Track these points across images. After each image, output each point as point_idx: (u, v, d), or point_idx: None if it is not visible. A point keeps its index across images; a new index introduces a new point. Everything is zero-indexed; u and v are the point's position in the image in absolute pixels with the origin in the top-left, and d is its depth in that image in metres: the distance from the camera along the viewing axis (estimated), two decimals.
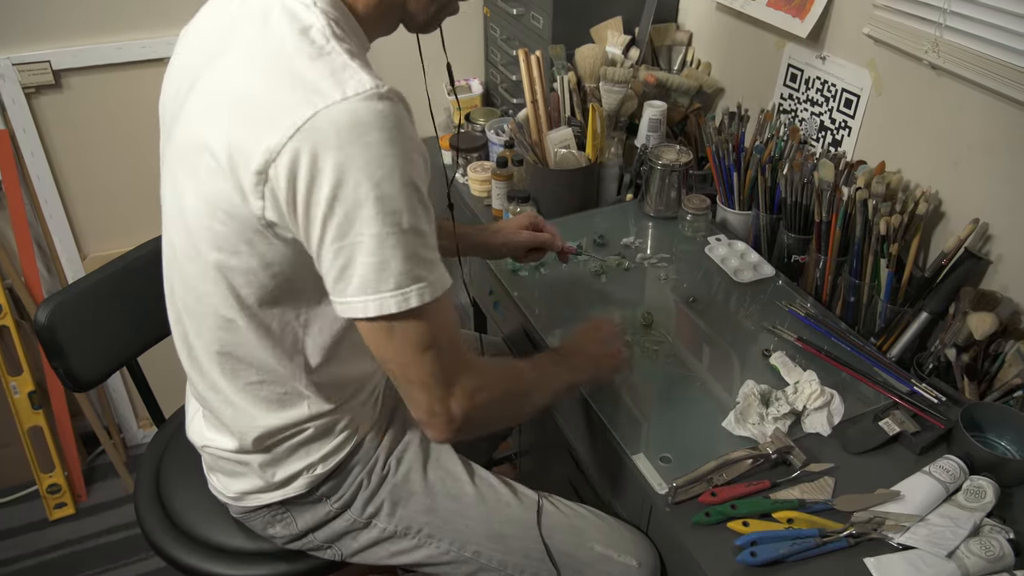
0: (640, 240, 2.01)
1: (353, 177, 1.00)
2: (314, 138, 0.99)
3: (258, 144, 1.01)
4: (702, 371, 1.61)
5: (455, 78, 2.75)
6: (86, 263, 2.58)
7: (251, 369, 1.27)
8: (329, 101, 0.99)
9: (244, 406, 1.31)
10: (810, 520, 1.31)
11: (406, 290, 1.06)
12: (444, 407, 1.14)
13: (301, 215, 1.04)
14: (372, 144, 0.99)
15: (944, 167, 1.69)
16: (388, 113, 1.01)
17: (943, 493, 1.33)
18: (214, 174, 1.07)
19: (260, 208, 1.06)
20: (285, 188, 1.02)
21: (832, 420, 1.48)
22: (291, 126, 0.99)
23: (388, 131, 1.00)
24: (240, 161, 1.04)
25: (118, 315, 1.75)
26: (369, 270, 1.04)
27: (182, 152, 1.16)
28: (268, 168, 1.02)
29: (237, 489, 1.42)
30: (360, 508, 1.43)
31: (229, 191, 1.07)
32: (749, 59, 2.22)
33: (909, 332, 1.62)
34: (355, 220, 1.02)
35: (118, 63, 2.36)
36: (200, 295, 1.22)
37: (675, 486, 1.33)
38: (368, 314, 1.07)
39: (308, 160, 0.99)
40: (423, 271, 1.07)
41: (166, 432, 1.80)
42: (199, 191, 1.12)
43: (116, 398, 2.84)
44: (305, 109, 0.99)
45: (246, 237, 1.11)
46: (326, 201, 1.01)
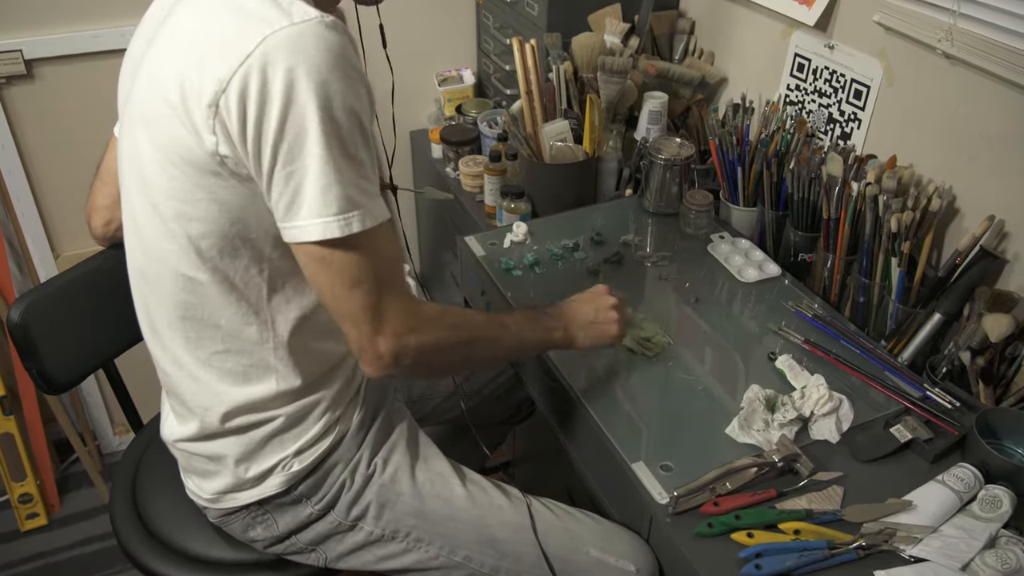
0: (640, 238, 2.00)
1: (301, 97, 1.06)
2: (263, 61, 1.05)
3: (209, 77, 1.08)
4: (704, 375, 1.60)
5: (446, 68, 2.76)
6: (59, 262, 2.57)
7: (216, 334, 1.30)
8: (276, 27, 1.06)
9: (208, 379, 1.33)
10: (818, 531, 1.30)
11: (348, 215, 1.12)
12: (372, 344, 1.19)
13: (251, 142, 1.09)
14: (319, 67, 1.06)
15: (958, 161, 1.68)
16: (333, 40, 1.08)
17: (957, 503, 1.32)
18: (169, 120, 1.13)
19: (213, 144, 1.11)
20: (236, 116, 1.08)
21: (841, 426, 1.47)
22: (241, 54, 1.06)
23: (334, 57, 1.07)
24: (192, 98, 1.10)
25: (93, 315, 1.75)
26: (316, 193, 1.10)
27: (138, 112, 1.21)
28: (219, 99, 1.07)
29: (212, 489, 1.42)
30: (345, 510, 1.44)
31: (184, 134, 1.12)
32: (754, 48, 2.21)
33: (921, 334, 1.61)
34: (304, 142, 1.08)
35: (94, 52, 2.35)
36: (160, 255, 1.25)
37: (676, 495, 1.33)
38: (312, 237, 1.12)
39: (257, 84, 1.05)
40: (363, 199, 1.13)
41: (143, 438, 1.79)
42: (154, 142, 1.17)
43: (91, 403, 2.83)
44: (253, 37, 1.06)
45: (202, 182, 1.16)
46: (276, 122, 1.07)
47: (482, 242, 1.98)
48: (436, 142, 2.56)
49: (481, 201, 2.30)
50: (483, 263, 1.91)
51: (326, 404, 1.40)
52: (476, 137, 2.45)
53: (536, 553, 1.46)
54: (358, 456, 1.44)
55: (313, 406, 1.38)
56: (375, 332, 1.18)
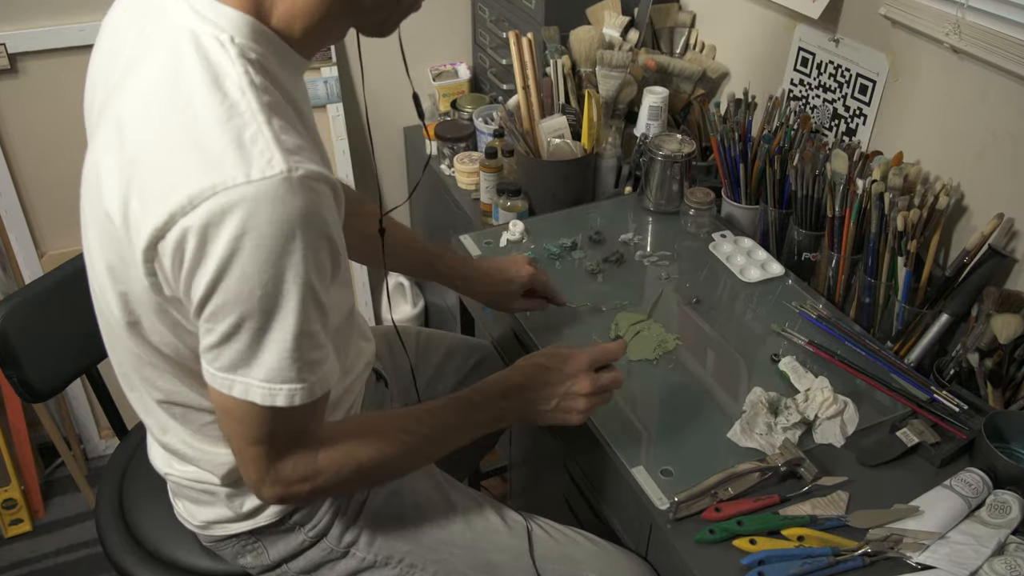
0: (640, 236, 2.00)
1: (237, 271, 0.95)
2: (205, 220, 0.93)
3: (147, 221, 0.97)
4: (706, 377, 1.60)
5: (441, 62, 2.75)
6: (44, 261, 2.56)
7: (202, 413, 1.26)
8: (229, 183, 0.93)
9: (204, 447, 1.30)
10: (822, 538, 1.30)
11: (274, 386, 1.03)
12: (258, 488, 1.14)
13: (182, 291, 1.00)
14: (266, 240, 0.94)
15: (966, 158, 1.68)
16: (295, 206, 0.94)
17: (965, 509, 1.32)
18: (114, 240, 1.04)
19: (154, 283, 1.03)
20: (170, 264, 0.98)
21: (846, 430, 1.47)
22: (184, 206, 0.94)
23: (290, 226, 0.95)
24: (133, 230, 1.00)
25: (78, 319, 1.73)
26: (239, 356, 1.01)
27: (89, 197, 1.11)
28: (156, 245, 0.97)
29: (204, 518, 1.41)
30: (337, 536, 1.42)
31: (129, 258, 1.03)
32: (757, 42, 2.21)
33: (928, 335, 1.61)
34: (232, 312, 0.98)
35: (80, 46, 2.35)
36: (127, 348, 1.20)
37: (677, 501, 1.32)
38: (232, 392, 1.04)
39: (196, 242, 0.94)
40: (298, 372, 1.03)
41: (130, 443, 1.79)
42: (103, 254, 1.09)
43: (76, 406, 2.82)
44: (201, 186, 0.93)
45: (153, 306, 1.08)
46: (205, 286, 0.97)
47: (477, 241, 1.97)
48: (431, 138, 2.56)
49: (477, 199, 2.29)
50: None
51: None
52: (471, 133, 2.45)
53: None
54: None
55: None
56: (261, 483, 1.13)
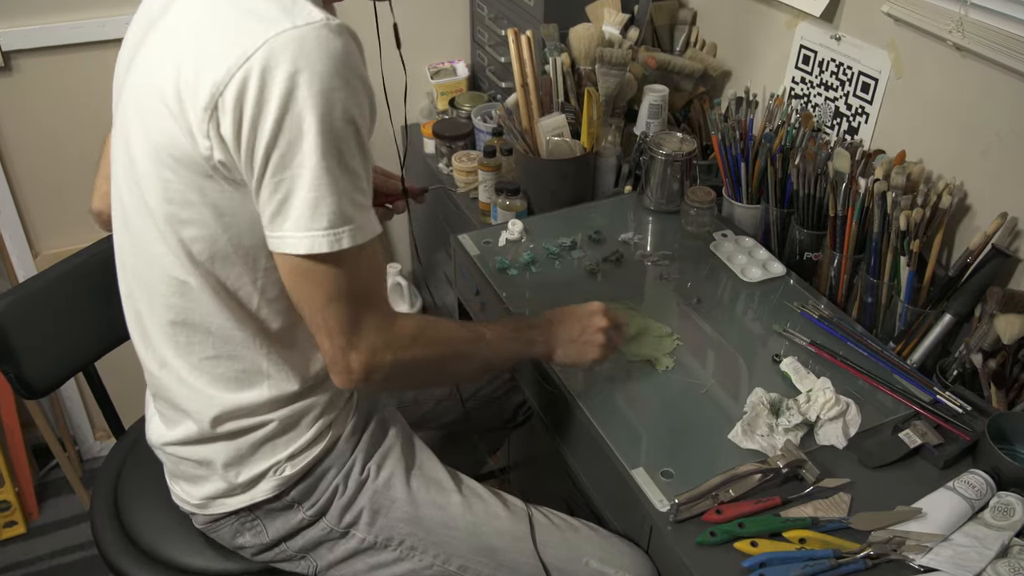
0: (640, 236, 2.00)
1: (299, 105, 1.05)
2: (262, 65, 1.04)
3: (206, 78, 1.07)
4: (707, 378, 1.60)
5: (439, 60, 2.75)
6: (38, 261, 2.56)
7: (207, 340, 1.30)
8: (279, 29, 1.05)
9: (199, 385, 1.33)
10: (824, 540, 1.30)
11: (338, 230, 1.12)
12: (344, 358, 1.20)
13: (245, 146, 1.09)
14: (319, 74, 1.05)
15: (970, 157, 1.68)
16: (337, 46, 1.07)
17: (968, 511, 1.32)
18: (163, 118, 1.13)
19: (207, 148, 1.11)
20: (231, 119, 1.07)
21: (848, 431, 1.47)
22: (240, 56, 1.05)
23: (336, 63, 1.07)
24: (188, 99, 1.09)
25: (74, 316, 1.75)
26: (305, 205, 1.10)
27: (132, 105, 1.21)
28: (215, 101, 1.07)
29: (201, 495, 1.42)
30: (337, 516, 1.43)
31: (178, 134, 1.12)
32: (758, 39, 2.21)
33: (931, 336, 1.61)
34: (297, 151, 1.08)
35: (75, 44, 2.34)
36: (151, 257, 1.25)
37: (677, 503, 1.32)
38: (299, 251, 1.12)
39: (255, 88, 1.05)
40: (355, 212, 1.13)
41: (125, 443, 1.79)
42: (148, 139, 1.16)
43: (71, 407, 2.82)
44: (254, 39, 1.05)
45: (196, 184, 1.15)
46: (271, 129, 1.06)
47: (476, 240, 1.97)
48: (428, 137, 2.56)
49: (475, 198, 2.29)
50: (477, 262, 1.90)
51: (320, 409, 1.40)
52: (470, 132, 2.44)
53: (534, 563, 1.45)
54: (351, 461, 1.43)
55: (307, 411, 1.38)
56: (349, 347, 1.19)
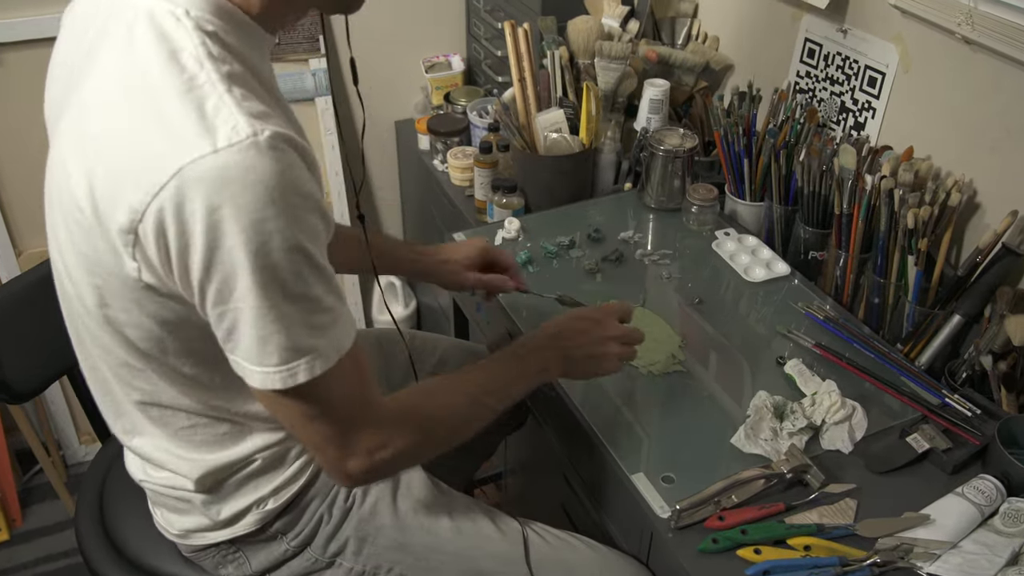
0: (640, 234, 2.00)
1: (226, 243, 0.95)
2: (176, 200, 0.93)
3: (122, 202, 0.97)
4: (709, 381, 1.60)
5: (433, 54, 2.75)
6: (22, 260, 2.55)
7: (180, 415, 1.25)
8: (193, 156, 0.92)
9: (179, 452, 1.29)
10: (830, 547, 1.30)
11: (291, 366, 1.03)
12: (341, 467, 1.14)
13: (179, 277, 1.00)
14: (246, 207, 0.93)
15: (979, 153, 1.68)
16: (267, 168, 0.94)
17: (978, 517, 1.32)
18: (85, 230, 1.04)
19: (135, 269, 1.02)
20: (155, 250, 0.98)
21: (854, 435, 1.47)
22: (151, 184, 0.94)
23: (267, 190, 0.94)
24: (106, 217, 1.00)
25: (59, 318, 1.73)
26: (252, 342, 1.01)
27: (55, 191, 1.11)
28: (136, 228, 0.97)
29: (182, 527, 1.40)
30: (322, 546, 1.41)
31: (104, 248, 1.03)
32: (762, 32, 2.21)
33: (940, 337, 1.61)
34: (233, 288, 0.98)
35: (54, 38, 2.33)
36: (102, 345, 1.19)
37: (678, 509, 1.32)
38: (253, 384, 1.05)
39: (174, 224, 0.95)
40: (313, 340, 1.04)
41: (111, 448, 1.78)
42: (75, 247, 1.09)
43: (55, 411, 2.81)
44: (169, 164, 0.93)
45: (132, 296, 1.07)
46: (200, 266, 0.97)
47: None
48: (423, 133, 2.56)
49: (471, 196, 2.29)
50: None
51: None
52: (465, 127, 2.44)
53: None
54: (336, 488, 1.41)
55: (291, 447, 1.35)
56: (344, 457, 1.13)
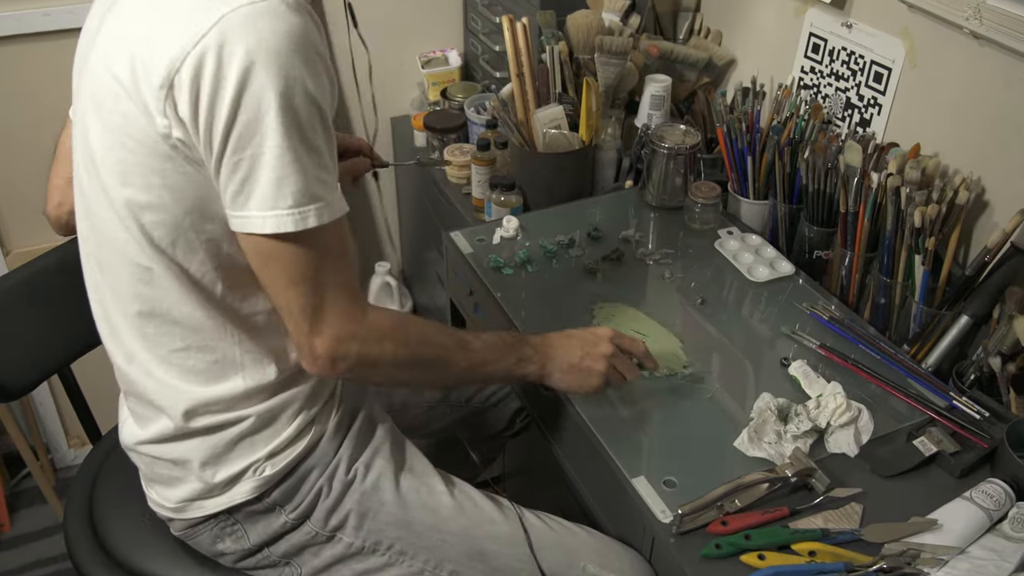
0: (641, 233, 2.00)
1: (257, 83, 1.07)
2: (218, 42, 1.06)
3: (161, 57, 1.09)
4: (711, 382, 1.60)
5: (430, 49, 2.75)
6: (9, 259, 2.55)
7: (175, 330, 1.30)
8: (234, 5, 1.07)
9: (168, 378, 1.33)
10: (835, 552, 1.30)
11: (304, 209, 1.14)
12: (308, 342, 1.22)
13: (203, 125, 1.10)
14: (278, 52, 1.08)
15: (988, 150, 1.68)
16: (295, 22, 1.09)
17: (986, 522, 1.32)
18: (119, 99, 1.14)
19: (165, 126, 1.12)
20: (188, 98, 1.09)
21: (860, 439, 1.47)
22: (195, 33, 1.07)
23: (294, 40, 1.09)
24: (143, 78, 1.11)
25: (48, 316, 1.74)
26: (269, 184, 1.12)
27: (89, 90, 1.22)
28: (171, 79, 1.08)
29: (177, 498, 1.41)
30: (322, 519, 1.43)
31: (135, 113, 1.13)
32: (765, 27, 2.21)
33: (947, 338, 1.61)
34: (257, 129, 1.10)
35: (45, 32, 2.33)
36: (113, 244, 1.26)
37: (681, 514, 1.32)
38: (264, 230, 1.14)
39: (212, 67, 1.07)
40: (321, 190, 1.16)
41: (101, 450, 1.78)
42: (104, 122, 1.18)
43: (44, 413, 2.81)
44: (209, 16, 1.07)
45: (155, 165, 1.16)
46: (228, 107, 1.08)
47: (469, 238, 1.97)
48: (419, 129, 2.55)
49: (468, 193, 2.29)
50: (470, 261, 1.90)
51: (300, 403, 1.39)
52: (463, 124, 2.44)
53: (529, 569, 1.46)
54: (336, 460, 1.43)
55: (286, 405, 1.38)
56: (312, 332, 1.22)
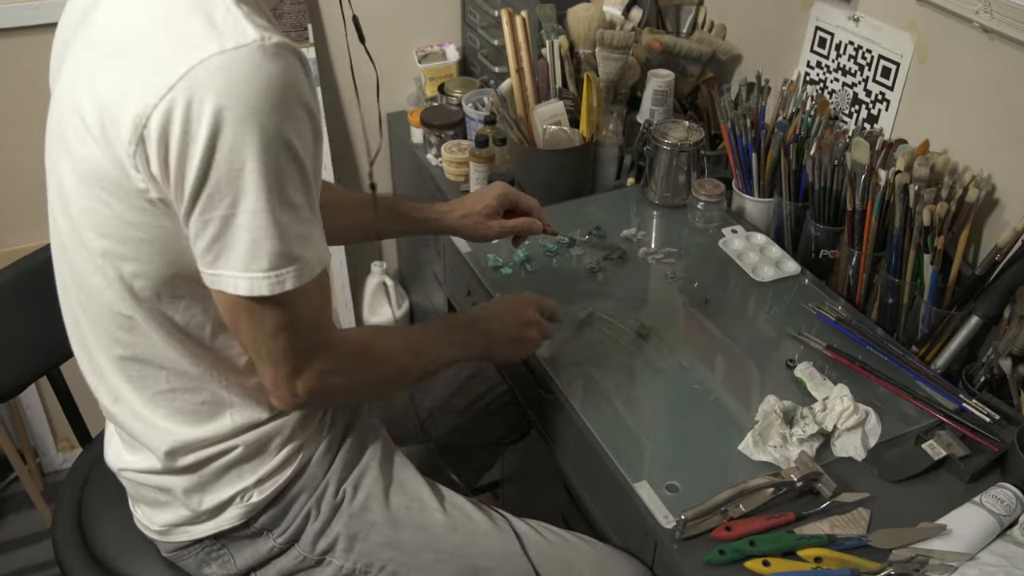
0: (643, 232, 2.00)
1: (229, 141, 1.02)
2: (186, 97, 1.01)
3: (128, 107, 1.04)
4: (715, 385, 1.60)
5: (427, 43, 2.74)
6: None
7: (160, 374, 1.28)
8: (203, 55, 1.01)
9: (154, 419, 1.31)
10: (841, 559, 1.30)
11: (280, 272, 1.10)
12: (289, 385, 1.20)
13: (174, 181, 1.06)
14: (252, 107, 1.02)
15: (998, 147, 1.68)
16: (273, 71, 1.03)
17: (997, 527, 1.32)
18: (88, 144, 1.10)
19: (141, 181, 1.08)
20: (157, 154, 1.04)
21: (867, 442, 1.47)
22: (160, 85, 1.01)
23: (272, 91, 1.02)
24: (111, 128, 1.06)
25: (37, 316, 1.74)
26: (242, 246, 1.08)
27: (57, 124, 1.19)
28: (140, 133, 1.04)
29: (162, 521, 1.40)
30: (310, 543, 1.42)
31: (105, 163, 1.09)
32: (770, 20, 2.21)
33: (957, 340, 1.61)
34: (229, 190, 1.05)
35: (34, 26, 2.33)
36: (91, 291, 1.23)
37: (684, 519, 1.32)
38: (238, 291, 1.10)
39: (180, 122, 1.01)
40: (299, 249, 1.11)
41: (90, 454, 1.78)
42: (75, 165, 1.14)
43: (32, 416, 2.80)
44: (178, 66, 1.01)
45: (133, 219, 1.12)
46: (198, 166, 1.03)
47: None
48: (416, 125, 2.55)
49: (466, 191, 2.29)
50: (469, 260, 1.90)
51: (290, 431, 1.37)
52: (461, 120, 2.44)
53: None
54: (324, 483, 1.41)
55: (275, 433, 1.36)
56: (295, 374, 1.20)
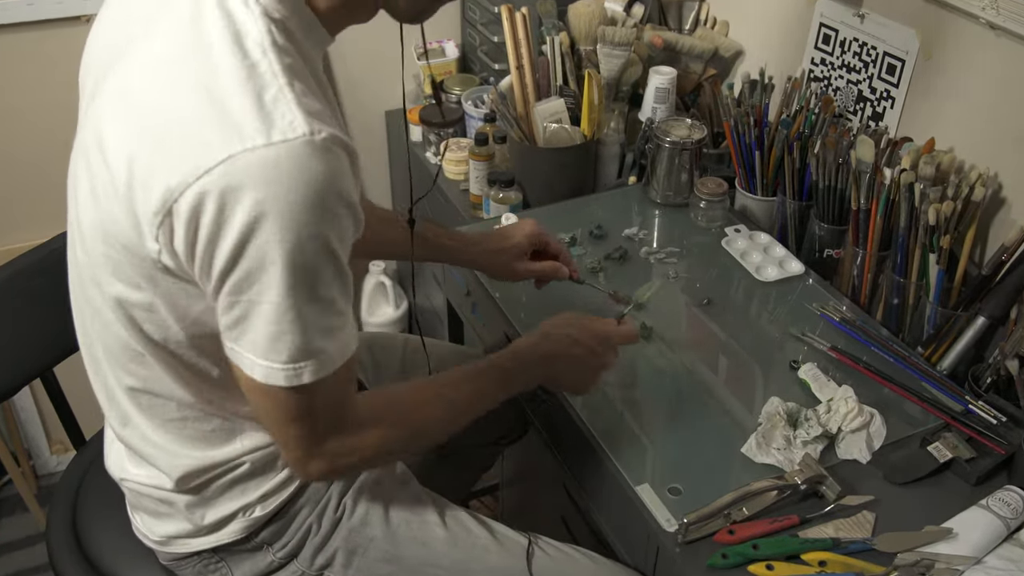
0: (645, 231, 2.00)
1: (264, 237, 0.98)
2: (224, 184, 0.96)
3: (159, 178, 0.99)
4: (718, 386, 1.60)
5: (427, 40, 2.74)
6: None
7: (170, 404, 1.26)
8: (247, 145, 0.96)
9: (164, 444, 1.30)
10: (846, 563, 1.30)
11: (298, 365, 1.07)
12: (303, 466, 1.19)
13: (200, 262, 1.03)
14: (292, 205, 0.97)
15: (1005, 145, 1.68)
16: (318, 170, 0.98)
17: (1003, 530, 1.32)
18: (111, 199, 1.06)
19: (156, 251, 1.05)
20: (184, 234, 1.01)
21: (872, 444, 1.47)
22: (200, 168, 0.97)
23: (315, 192, 0.98)
24: (138, 191, 1.02)
25: (30, 318, 1.74)
26: (263, 334, 1.05)
27: (86, 144, 1.12)
28: (169, 207, 0.99)
29: (162, 532, 1.40)
30: (309, 558, 1.41)
31: (125, 222, 1.05)
32: (774, 17, 2.21)
33: (963, 340, 1.61)
34: (257, 279, 1.01)
35: (29, 22, 2.32)
36: (105, 322, 1.21)
37: (686, 522, 1.32)
38: (254, 375, 1.08)
39: (215, 207, 0.97)
40: (323, 342, 1.08)
41: (85, 457, 1.78)
42: (96, 211, 1.11)
43: (25, 418, 2.81)
44: (220, 150, 0.96)
45: (146, 273, 1.09)
46: (228, 254, 1.00)
47: None
48: (415, 123, 2.55)
49: (466, 190, 2.29)
50: None
51: None
52: (460, 118, 2.43)
53: None
54: (327, 497, 1.41)
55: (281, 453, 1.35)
56: (308, 457, 1.18)
